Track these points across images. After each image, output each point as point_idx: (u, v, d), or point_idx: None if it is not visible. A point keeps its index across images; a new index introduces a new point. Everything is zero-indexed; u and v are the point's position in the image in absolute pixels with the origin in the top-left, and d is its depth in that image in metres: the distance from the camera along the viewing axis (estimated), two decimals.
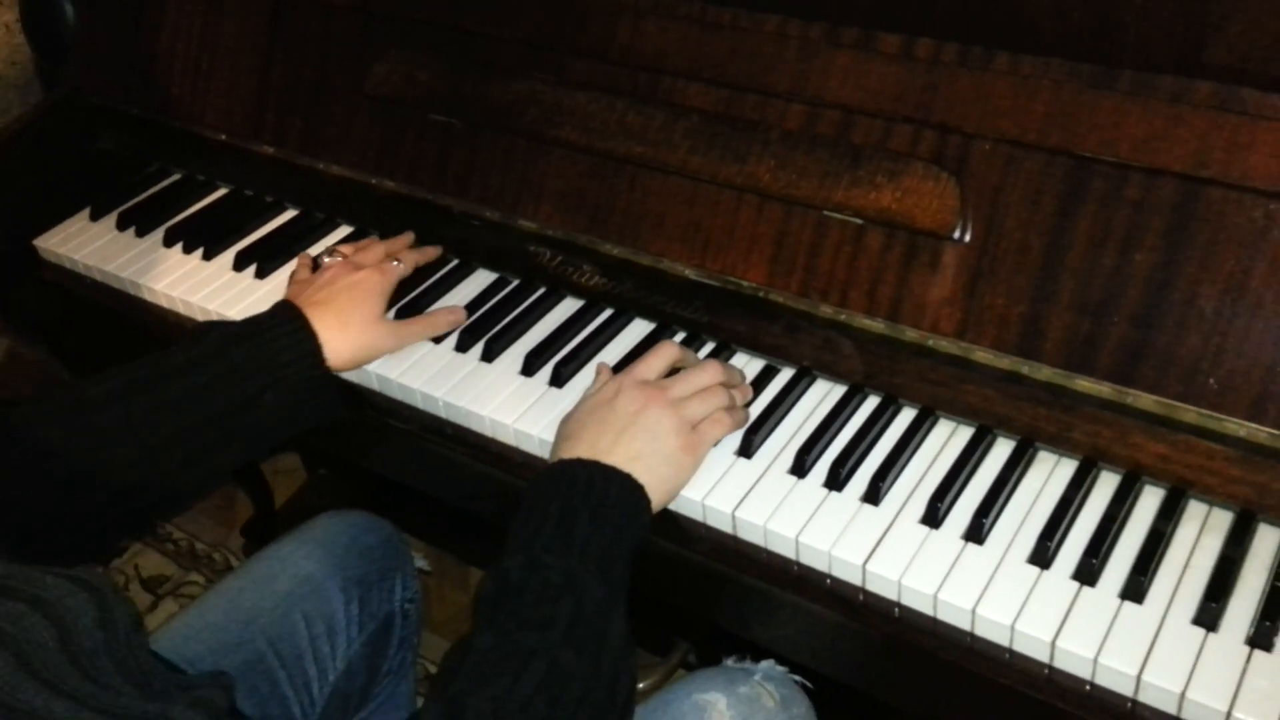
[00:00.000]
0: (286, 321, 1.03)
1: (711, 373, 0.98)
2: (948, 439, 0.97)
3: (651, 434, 0.91)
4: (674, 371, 1.00)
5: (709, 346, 1.08)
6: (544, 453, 1.02)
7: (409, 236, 1.22)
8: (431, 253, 1.21)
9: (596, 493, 0.86)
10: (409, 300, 1.16)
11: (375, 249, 1.16)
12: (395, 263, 1.14)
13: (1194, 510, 0.90)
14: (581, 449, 0.90)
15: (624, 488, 0.88)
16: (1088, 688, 0.81)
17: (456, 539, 1.84)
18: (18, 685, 0.59)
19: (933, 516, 0.91)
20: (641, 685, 1.51)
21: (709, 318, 1.07)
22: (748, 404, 1.01)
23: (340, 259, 1.13)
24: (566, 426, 0.95)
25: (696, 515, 0.95)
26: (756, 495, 0.94)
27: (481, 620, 0.80)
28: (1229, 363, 0.86)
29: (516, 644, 0.77)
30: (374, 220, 1.27)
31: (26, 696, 0.59)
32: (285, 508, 1.92)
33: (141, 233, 1.32)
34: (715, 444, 0.97)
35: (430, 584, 1.81)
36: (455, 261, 1.22)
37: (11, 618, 0.63)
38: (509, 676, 0.75)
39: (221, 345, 0.99)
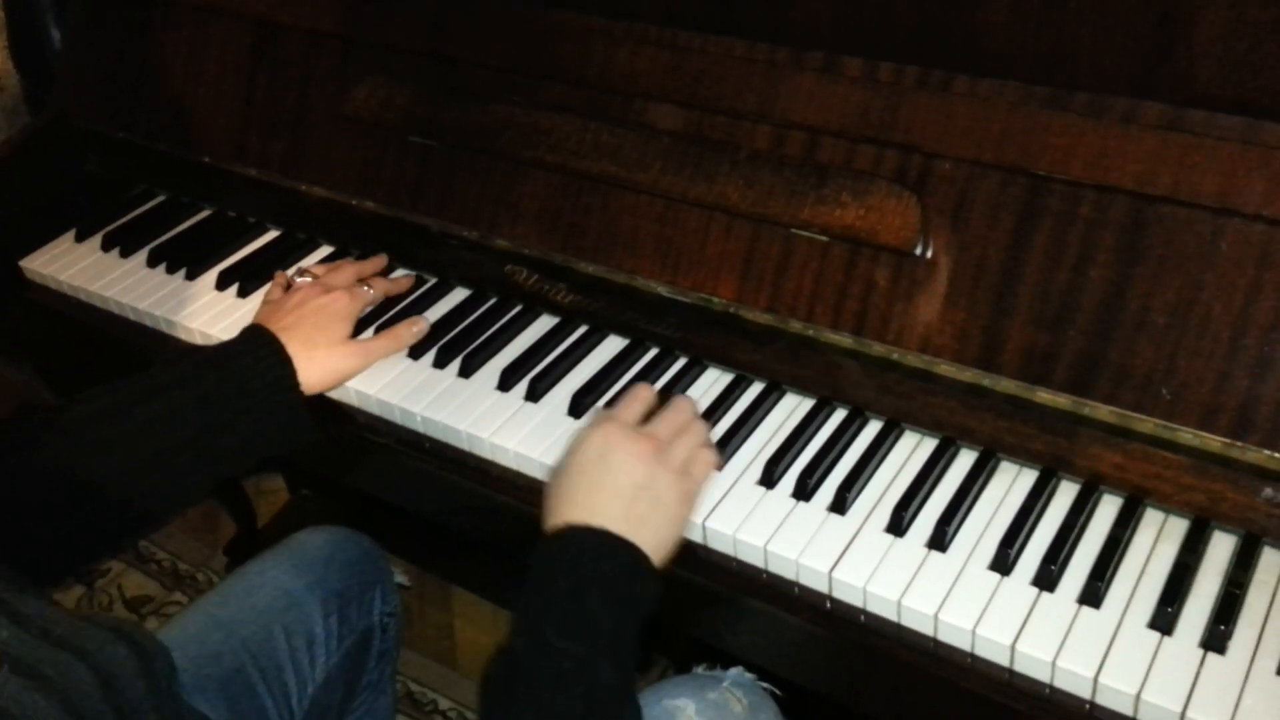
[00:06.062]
0: (258, 347, 1.05)
1: (687, 408, 0.98)
2: (913, 450, 1.00)
3: (655, 498, 0.89)
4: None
5: (681, 362, 1.11)
6: (520, 466, 1.04)
7: (381, 261, 1.24)
8: (403, 283, 1.23)
9: (605, 566, 0.84)
10: (388, 318, 1.18)
11: (346, 271, 1.18)
12: (365, 288, 1.16)
13: (1150, 518, 0.92)
14: (584, 513, 0.87)
15: (632, 559, 0.85)
16: (1047, 690, 0.83)
17: (438, 560, 1.85)
18: None
19: (897, 525, 0.93)
20: None
21: (681, 334, 1.09)
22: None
23: (311, 280, 1.15)
24: (563, 483, 0.91)
25: None
26: (726, 506, 0.96)
27: (496, 708, 0.80)
28: (1180, 374, 0.88)
29: None
30: (354, 240, 1.29)
31: None
32: (268, 528, 1.93)
33: (126, 253, 1.34)
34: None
35: (412, 603, 1.82)
36: (433, 280, 1.24)
37: (57, 666, 0.65)
38: None
39: (196, 370, 1.02)
